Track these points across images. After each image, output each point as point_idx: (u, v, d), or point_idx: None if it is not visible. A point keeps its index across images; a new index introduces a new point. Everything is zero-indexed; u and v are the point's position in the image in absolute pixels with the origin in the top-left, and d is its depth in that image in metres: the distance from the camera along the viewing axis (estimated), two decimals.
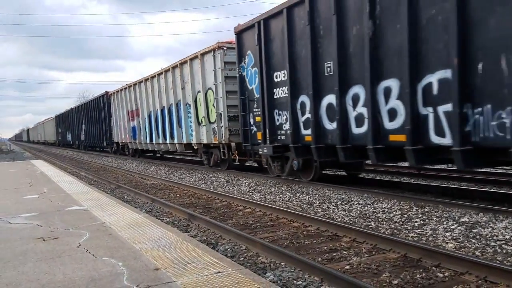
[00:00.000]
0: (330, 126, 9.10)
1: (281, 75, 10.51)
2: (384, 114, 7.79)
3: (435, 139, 6.92)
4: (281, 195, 9.40)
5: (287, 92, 10.27)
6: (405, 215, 6.83)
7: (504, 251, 4.97)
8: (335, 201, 8.33)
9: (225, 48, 13.64)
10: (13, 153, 43.44)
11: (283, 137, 10.66)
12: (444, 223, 6.23)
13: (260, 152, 11.62)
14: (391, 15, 7.44)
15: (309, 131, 9.69)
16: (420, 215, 6.75)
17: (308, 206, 8.12)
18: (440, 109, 6.81)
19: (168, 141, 18.43)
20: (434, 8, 6.73)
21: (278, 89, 10.68)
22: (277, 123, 10.83)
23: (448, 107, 6.64)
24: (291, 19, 9.89)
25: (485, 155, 6.47)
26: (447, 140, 6.71)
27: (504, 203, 7.26)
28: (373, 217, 6.94)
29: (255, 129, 11.85)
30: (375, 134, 7.90)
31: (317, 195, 9.01)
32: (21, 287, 3.51)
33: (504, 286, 3.94)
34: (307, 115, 9.70)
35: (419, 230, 6.01)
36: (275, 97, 10.84)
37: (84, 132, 35.82)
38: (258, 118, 11.56)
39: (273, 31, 10.67)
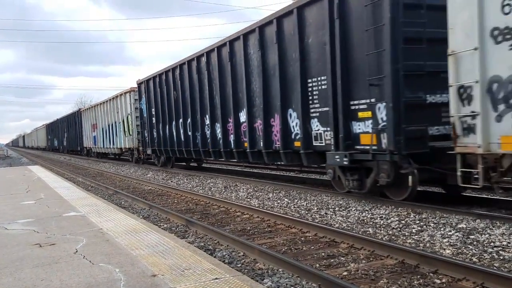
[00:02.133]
0: (169, 138, 17.99)
1: (153, 110, 19.57)
2: (181, 134, 16.83)
3: (194, 146, 15.78)
4: (279, 201, 9.39)
5: (156, 119, 19.31)
6: (403, 221, 6.84)
7: (501, 257, 4.98)
8: (333, 207, 8.33)
9: (135, 91, 22.55)
10: (10, 158, 43.33)
11: (156, 143, 19.59)
12: (442, 229, 6.24)
13: (147, 152, 21.25)
14: (179, 92, 16.60)
15: (168, 142, 18.22)
16: (418, 221, 6.76)
17: (306, 212, 8.12)
18: (191, 134, 15.91)
19: (111, 146, 27.61)
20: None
21: (153, 117, 19.62)
22: (154, 136, 19.71)
23: (191, 133, 15.80)
24: (155, 84, 19.07)
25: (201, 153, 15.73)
26: (193, 147, 15.79)
27: (501, 210, 7.27)
28: (371, 223, 6.95)
29: (147, 139, 20.82)
30: (178, 143, 17.17)
31: (315, 201, 9.01)
32: None
33: None
34: (162, 132, 18.67)
35: (416, 236, 6.02)
36: (152, 122, 19.85)
37: (66, 139, 45.27)
38: (147, 134, 20.88)
39: (150, 87, 19.71)
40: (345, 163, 8.54)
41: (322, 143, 9.38)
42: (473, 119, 6.25)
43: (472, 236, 5.79)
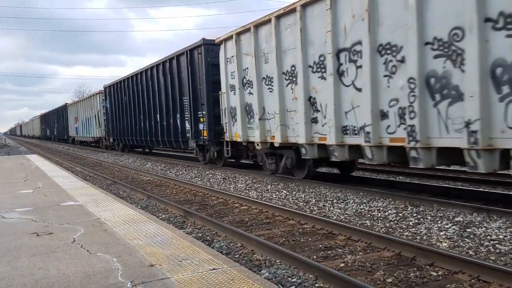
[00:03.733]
0: (123, 130, 24.20)
1: (117, 110, 25.28)
2: (130, 128, 23.07)
3: (136, 136, 22.32)
4: (277, 193, 9.41)
5: (115, 116, 25.61)
6: (400, 214, 6.86)
7: (498, 250, 5.00)
8: (331, 199, 8.35)
9: (103, 93, 28.75)
10: (8, 147, 43.28)
11: (115, 134, 26.11)
12: (439, 222, 6.26)
13: (111, 141, 27.70)
14: (127, 97, 23.15)
15: (122, 133, 24.32)
16: (415, 214, 6.78)
17: (304, 204, 8.13)
18: (134, 127, 22.41)
19: (88, 135, 34.06)
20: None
21: (116, 115, 25.49)
22: (115, 128, 26.04)
23: (134, 127, 22.47)
24: (114, 89, 25.34)
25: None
26: (135, 137, 22.48)
27: (498, 203, 7.29)
28: (369, 215, 6.97)
29: (110, 131, 27.27)
30: (128, 134, 23.47)
31: (313, 193, 9.03)
32: (14, 282, 3.51)
33: (497, 285, 3.96)
34: (119, 126, 24.78)
35: (413, 229, 6.04)
36: (113, 117, 26.03)
37: (56, 129, 52.03)
38: (110, 126, 27.14)
39: (112, 91, 26.07)
40: (194, 146, 15.62)
41: (189, 135, 15.87)
42: (226, 124, 12.96)
43: (469, 230, 5.81)
